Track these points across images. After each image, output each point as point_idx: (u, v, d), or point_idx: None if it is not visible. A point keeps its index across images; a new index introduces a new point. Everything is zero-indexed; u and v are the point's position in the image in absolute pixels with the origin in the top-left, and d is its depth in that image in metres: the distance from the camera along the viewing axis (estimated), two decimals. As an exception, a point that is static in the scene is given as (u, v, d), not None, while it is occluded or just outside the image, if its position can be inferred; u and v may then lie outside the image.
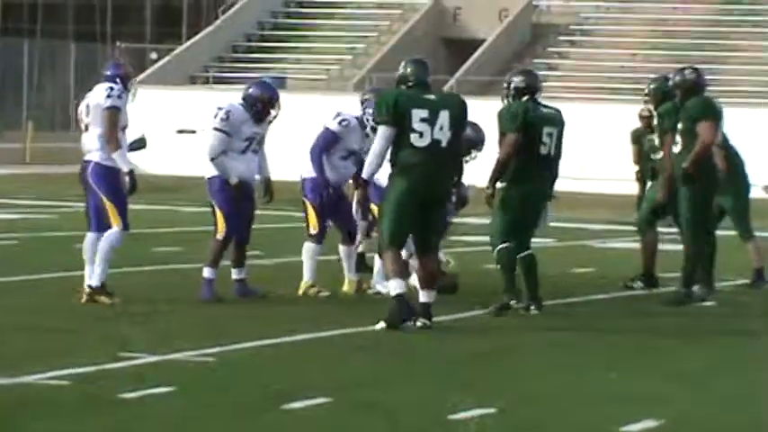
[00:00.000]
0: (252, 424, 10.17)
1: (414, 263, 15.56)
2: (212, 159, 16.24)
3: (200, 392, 11.16)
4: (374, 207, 16.41)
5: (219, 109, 16.39)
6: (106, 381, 11.48)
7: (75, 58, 75.82)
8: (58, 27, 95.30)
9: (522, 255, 15.93)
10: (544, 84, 48.44)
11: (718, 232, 18.08)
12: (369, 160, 15.01)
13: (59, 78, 76.02)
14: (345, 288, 17.11)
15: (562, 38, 53.71)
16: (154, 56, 58.82)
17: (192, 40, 57.25)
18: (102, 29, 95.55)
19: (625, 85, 45.59)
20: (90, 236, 15.74)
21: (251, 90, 16.69)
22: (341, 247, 17.19)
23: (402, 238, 14.95)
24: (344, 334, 14.38)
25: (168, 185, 15.30)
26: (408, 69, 15.23)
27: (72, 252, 21.59)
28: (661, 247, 18.11)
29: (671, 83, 17.72)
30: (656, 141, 17.86)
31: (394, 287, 14.71)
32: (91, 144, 15.69)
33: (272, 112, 16.68)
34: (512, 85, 16.03)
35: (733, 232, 18.89)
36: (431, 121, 14.83)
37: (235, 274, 16.56)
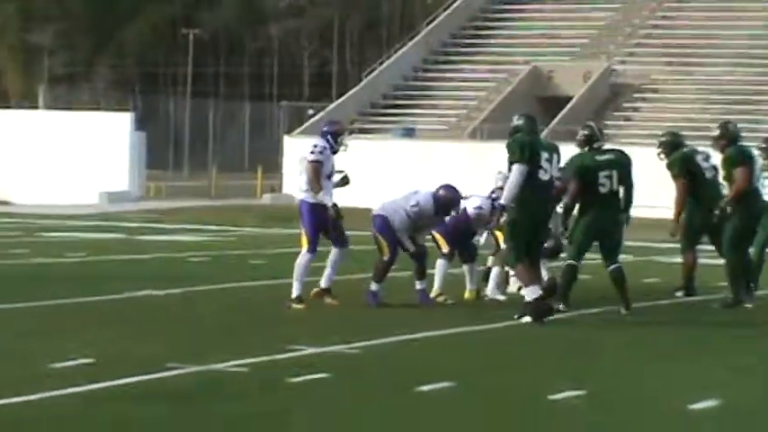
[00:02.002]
0: (392, 402, 10.14)
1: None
2: (397, 230, 16.20)
3: (351, 377, 11.16)
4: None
5: (416, 204, 16.19)
6: (276, 368, 11.50)
7: (249, 114, 76.41)
8: (236, 90, 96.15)
9: (611, 268, 15.85)
10: (621, 132, 48.57)
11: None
12: (507, 192, 14.96)
13: (236, 130, 76.65)
14: (466, 296, 17.05)
15: (635, 95, 53.57)
16: (311, 112, 59.08)
17: (341, 99, 57.58)
18: (270, 91, 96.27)
19: (686, 132, 45.10)
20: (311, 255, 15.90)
21: (441, 191, 16.46)
22: (464, 265, 17.14)
23: (523, 255, 15.02)
24: (465, 331, 14.33)
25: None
26: (522, 122, 15.33)
27: (248, 267, 21.76)
28: (707, 261, 17.92)
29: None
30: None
31: (530, 292, 14.81)
32: (302, 186, 15.95)
33: (453, 213, 16.55)
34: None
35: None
36: (549, 160, 15.06)
37: (418, 285, 16.47)
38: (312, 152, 15.82)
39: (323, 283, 16.03)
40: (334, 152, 16.08)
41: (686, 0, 58.30)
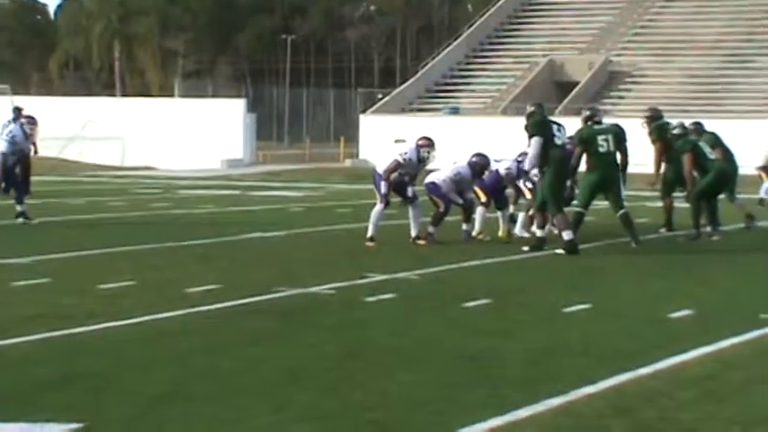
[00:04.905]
0: (442, 315, 10.17)
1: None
2: (446, 192, 16.25)
3: (412, 297, 11.17)
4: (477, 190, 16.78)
5: (458, 173, 16.28)
6: (356, 290, 11.54)
7: (333, 99, 76.44)
8: (322, 81, 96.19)
9: (619, 213, 15.80)
10: (616, 108, 48.28)
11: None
12: (530, 159, 15.26)
13: (323, 111, 76.70)
14: (500, 234, 17.02)
15: (628, 79, 53.17)
16: (380, 96, 58.97)
17: (403, 86, 57.46)
18: (349, 81, 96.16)
19: (667, 107, 44.82)
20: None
21: (474, 159, 16.51)
22: (498, 211, 17.12)
23: (562, 207, 15.23)
24: (499, 261, 14.34)
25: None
26: (534, 108, 15.73)
27: (333, 214, 21.82)
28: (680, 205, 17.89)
29: (691, 126, 18.11)
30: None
31: (566, 235, 14.94)
32: (381, 164, 16.04)
33: (485, 173, 16.58)
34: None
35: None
36: (559, 131, 15.30)
37: (464, 227, 16.55)
38: (401, 155, 15.87)
39: (413, 233, 16.03)
40: (420, 161, 15.98)
41: (667, 6, 57.86)
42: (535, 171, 15.29)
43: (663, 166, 17.84)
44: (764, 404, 7.02)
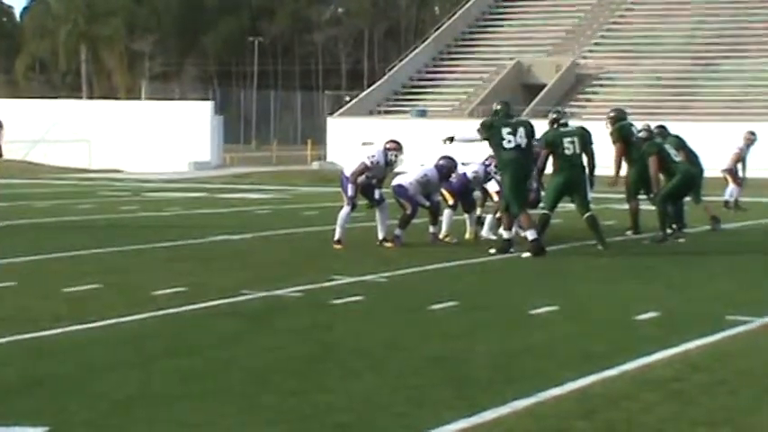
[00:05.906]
0: (408, 318, 10.17)
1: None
2: (413, 195, 16.15)
3: (378, 299, 11.18)
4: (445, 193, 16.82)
5: (425, 175, 16.23)
6: (323, 293, 11.54)
7: (301, 101, 76.41)
8: (290, 83, 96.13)
9: (585, 216, 15.82)
10: (582, 111, 48.43)
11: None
12: (464, 138, 15.71)
13: (291, 113, 76.64)
14: (467, 236, 17.05)
15: (594, 82, 53.38)
16: (347, 99, 58.97)
17: (370, 89, 57.48)
18: (316, 83, 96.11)
19: (634, 110, 45.07)
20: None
21: (441, 162, 16.45)
22: (465, 214, 17.16)
23: (524, 206, 15.16)
24: (465, 264, 14.34)
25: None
26: (500, 107, 15.60)
27: (300, 217, 21.78)
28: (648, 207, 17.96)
29: (656, 131, 18.18)
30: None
31: (530, 234, 14.95)
32: (348, 166, 16.09)
33: (453, 176, 16.58)
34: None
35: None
36: (513, 133, 15.13)
37: (431, 229, 16.51)
38: (369, 158, 15.90)
39: (380, 235, 16.05)
40: (388, 164, 16.00)
41: (634, 8, 58.15)
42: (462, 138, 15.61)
43: (624, 167, 17.91)
44: (730, 405, 7.07)
